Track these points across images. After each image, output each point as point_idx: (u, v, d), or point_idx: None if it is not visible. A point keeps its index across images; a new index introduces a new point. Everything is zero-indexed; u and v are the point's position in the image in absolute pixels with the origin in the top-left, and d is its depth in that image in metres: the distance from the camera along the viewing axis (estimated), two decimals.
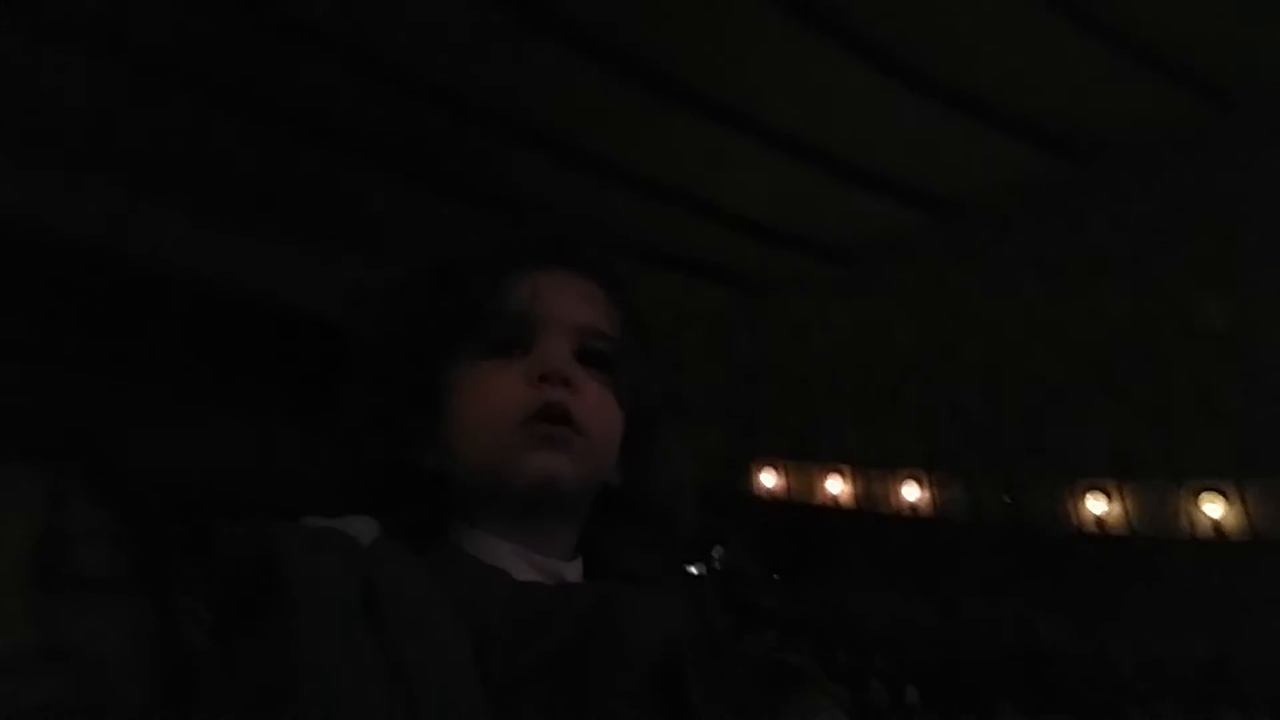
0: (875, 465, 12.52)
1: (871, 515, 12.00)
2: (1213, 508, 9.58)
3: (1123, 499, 10.31)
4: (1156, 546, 9.94)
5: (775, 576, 11.14)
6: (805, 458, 12.68)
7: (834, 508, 12.21)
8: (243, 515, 0.67)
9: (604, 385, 0.74)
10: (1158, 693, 8.12)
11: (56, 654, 0.57)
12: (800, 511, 12.40)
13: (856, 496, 12.42)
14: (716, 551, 11.55)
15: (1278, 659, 8.45)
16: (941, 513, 11.59)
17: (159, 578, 0.66)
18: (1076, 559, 10.24)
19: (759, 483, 13.05)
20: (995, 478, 11.34)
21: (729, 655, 0.74)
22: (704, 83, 10.83)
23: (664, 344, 0.84)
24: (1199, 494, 9.70)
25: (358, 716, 0.54)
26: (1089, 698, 8.33)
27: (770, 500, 12.86)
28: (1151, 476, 10.31)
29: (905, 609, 11.17)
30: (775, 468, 13.25)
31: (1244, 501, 9.50)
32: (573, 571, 0.73)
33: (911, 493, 11.82)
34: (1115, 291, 11.32)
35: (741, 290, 15.15)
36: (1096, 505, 10.36)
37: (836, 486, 12.50)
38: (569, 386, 0.71)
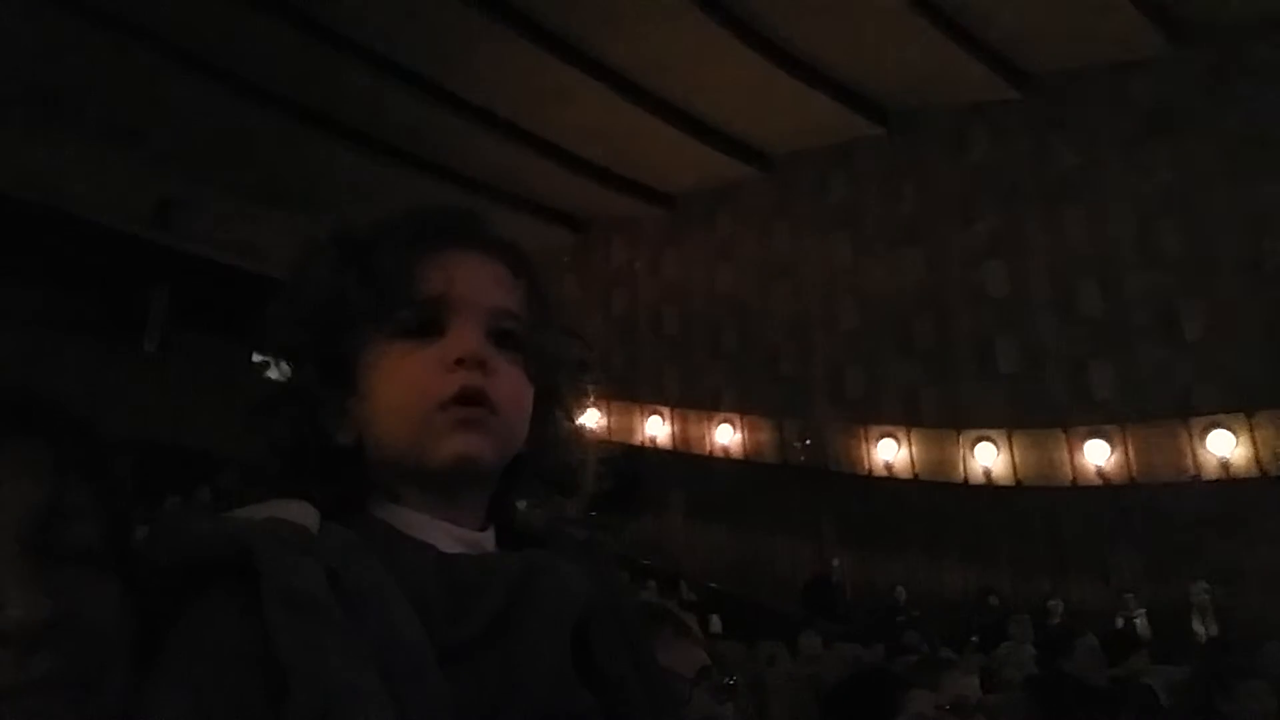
0: (693, 407, 13.03)
1: (688, 455, 12.52)
2: (985, 455, 10.71)
3: (910, 445, 11.33)
4: (935, 489, 11.00)
5: (592, 514, 11.41)
6: (628, 398, 13.01)
7: (653, 447, 12.63)
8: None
9: (514, 364, 0.76)
10: (930, 618, 9.09)
11: (57, 626, 0.57)
12: (621, 450, 12.76)
13: (674, 437, 12.90)
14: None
15: (1030, 588, 9.69)
16: (751, 454, 12.26)
17: (129, 555, 0.65)
18: (869, 499, 11.19)
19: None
20: (800, 422, 12.10)
21: (625, 612, 0.79)
22: (548, 19, 10.69)
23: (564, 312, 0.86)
24: (975, 442, 10.81)
25: (353, 709, 0.56)
26: (872, 623, 9.22)
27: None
28: (934, 425, 11.36)
29: (715, 544, 11.86)
30: (599, 407, 13.55)
31: (1011, 449, 10.69)
32: (488, 540, 0.75)
33: (725, 434, 12.39)
34: (914, 254, 12.23)
35: (572, 230, 15.21)
36: (887, 450, 11.31)
37: (656, 427, 12.92)
38: (484, 369, 0.72)
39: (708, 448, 12.67)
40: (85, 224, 11.75)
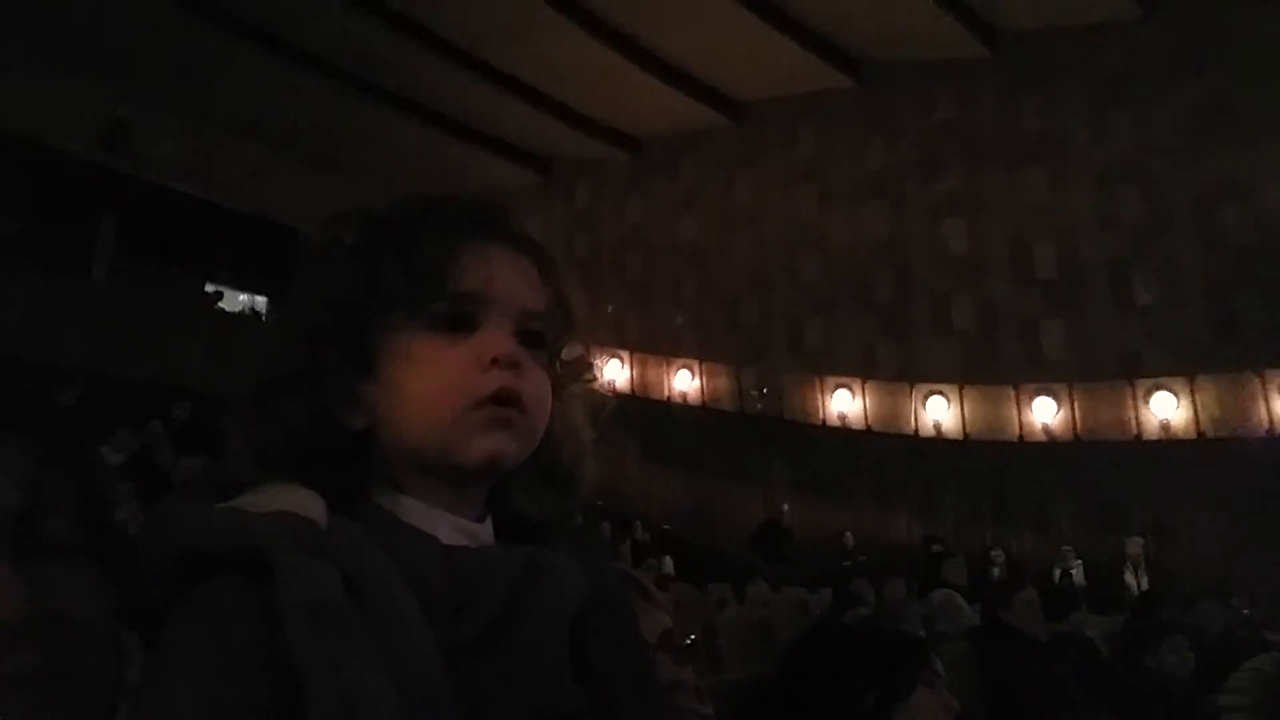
0: (653, 353, 13.09)
1: (646, 400, 12.60)
2: (937, 409, 10.96)
3: (864, 396, 11.54)
4: (883, 439, 11.25)
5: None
6: (587, 342, 12.99)
7: (611, 391, 12.66)
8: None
9: (539, 365, 0.76)
10: (876, 565, 9.37)
11: (39, 623, 0.56)
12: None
13: (633, 381, 12.98)
14: None
15: (973, 538, 10.01)
16: (709, 401, 12.39)
17: (117, 549, 0.64)
18: (821, 448, 11.42)
19: None
20: (758, 371, 12.24)
21: (620, 606, 0.81)
22: None
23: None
24: (927, 396, 11.05)
25: (372, 713, 0.56)
26: (820, 569, 9.47)
27: None
28: (889, 378, 11.57)
29: (670, 487, 12.04)
30: None
31: (961, 403, 10.94)
32: (487, 531, 0.75)
33: (684, 381, 12.49)
34: (877, 210, 12.31)
35: (536, 171, 15.03)
36: (842, 401, 11.51)
37: (615, 371, 12.97)
38: (516, 370, 0.73)
39: (666, 393, 12.77)
40: (30, 146, 11.34)
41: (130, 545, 0.63)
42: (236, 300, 14.88)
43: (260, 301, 15.25)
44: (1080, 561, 8.86)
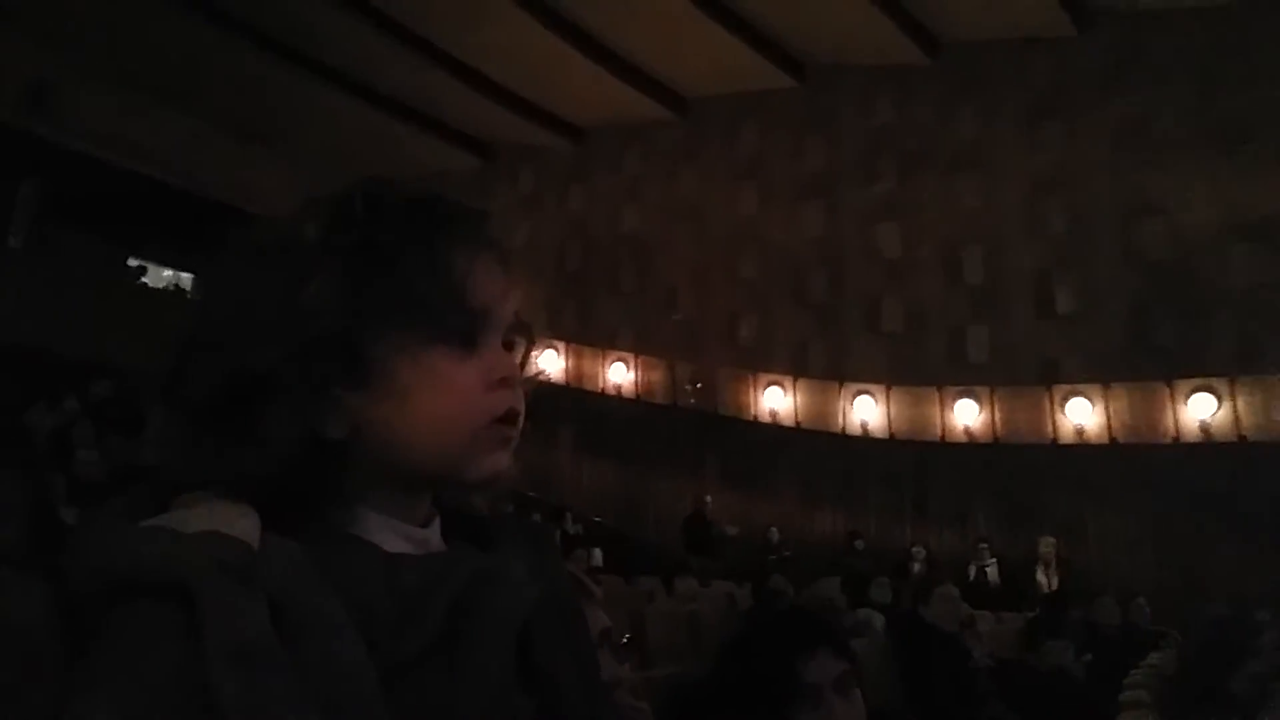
0: (588, 344, 13.10)
1: (580, 391, 12.61)
2: (864, 407, 11.21)
3: (795, 394, 11.74)
4: (812, 435, 11.46)
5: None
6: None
7: (545, 382, 12.64)
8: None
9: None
10: (800, 559, 9.57)
11: None
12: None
13: (568, 372, 12.97)
14: None
15: (895, 534, 10.30)
16: (644, 393, 12.46)
17: (57, 553, 0.61)
18: (752, 444, 11.58)
19: None
20: (693, 365, 12.35)
21: (569, 609, 0.81)
22: None
23: None
24: (856, 395, 11.29)
25: None
26: (744, 562, 9.64)
27: None
28: (820, 377, 11.79)
29: (602, 479, 12.09)
30: None
31: (888, 403, 11.21)
32: (434, 534, 0.74)
33: (619, 373, 12.54)
34: (815, 209, 12.52)
35: (478, 156, 14.90)
36: (774, 398, 11.69)
37: (550, 361, 12.94)
38: (515, 388, 0.72)
39: (600, 385, 12.81)
40: None
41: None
42: (161, 276, 14.46)
43: (186, 279, 14.84)
44: (995, 559, 9.18)
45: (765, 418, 11.74)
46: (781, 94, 12.78)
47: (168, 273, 14.64)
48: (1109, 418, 9.96)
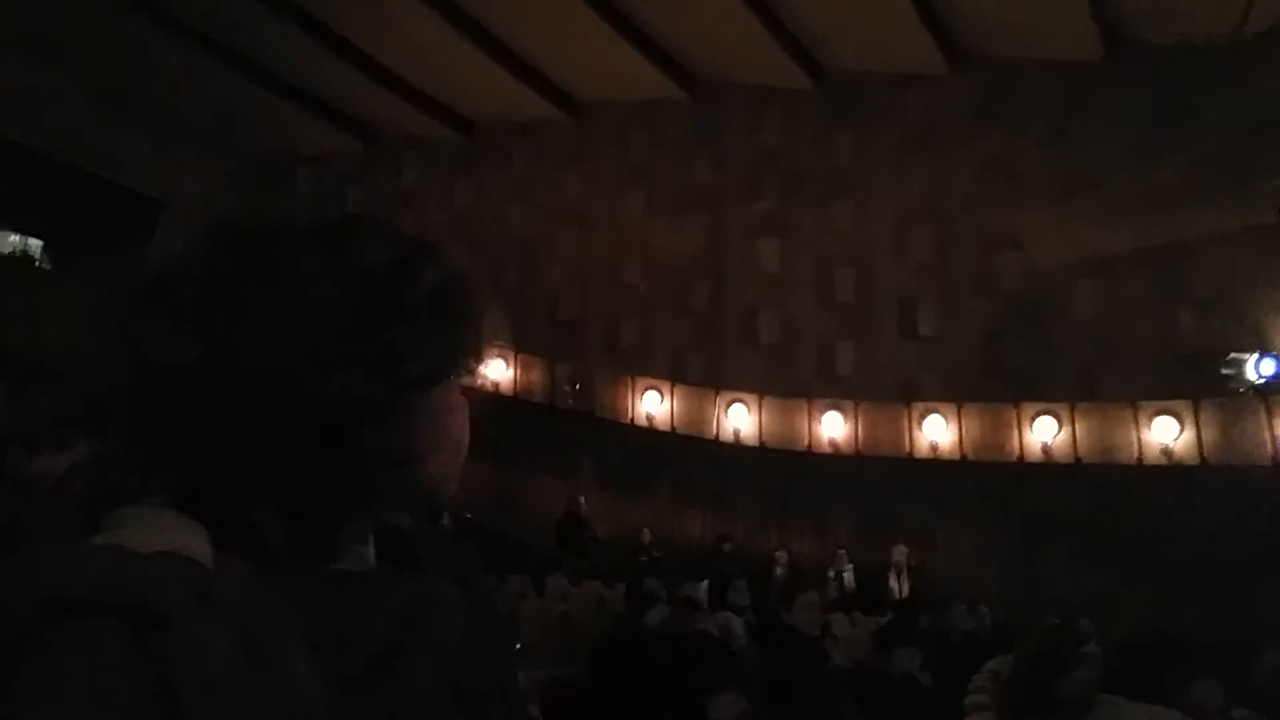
0: None
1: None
2: (738, 416, 11.55)
3: (672, 400, 11.97)
4: (687, 441, 11.71)
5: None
6: None
7: None
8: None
9: None
10: (670, 560, 9.78)
11: None
12: None
13: None
14: None
15: (760, 538, 10.65)
16: (521, 392, 12.44)
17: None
18: (627, 447, 11.74)
19: None
20: (572, 367, 12.42)
21: (496, 629, 0.88)
22: None
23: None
24: (730, 404, 11.62)
25: None
26: (616, 562, 9.77)
27: None
28: (697, 383, 12.07)
29: (476, 477, 11.98)
30: None
31: (760, 413, 11.58)
32: (369, 552, 0.76)
33: (497, 370, 12.47)
34: (699, 221, 12.81)
35: (360, 139, 14.51)
36: (651, 403, 11.89)
37: None
38: None
39: (477, 380, 12.68)
40: None
41: None
42: (7, 241, 13.48)
43: (35, 244, 13.88)
44: (852, 565, 9.65)
45: (642, 422, 11.92)
46: (672, 105, 13.02)
47: (14, 237, 13.66)
48: (961, 434, 10.61)
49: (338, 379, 0.67)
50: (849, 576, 9.57)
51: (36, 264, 13.49)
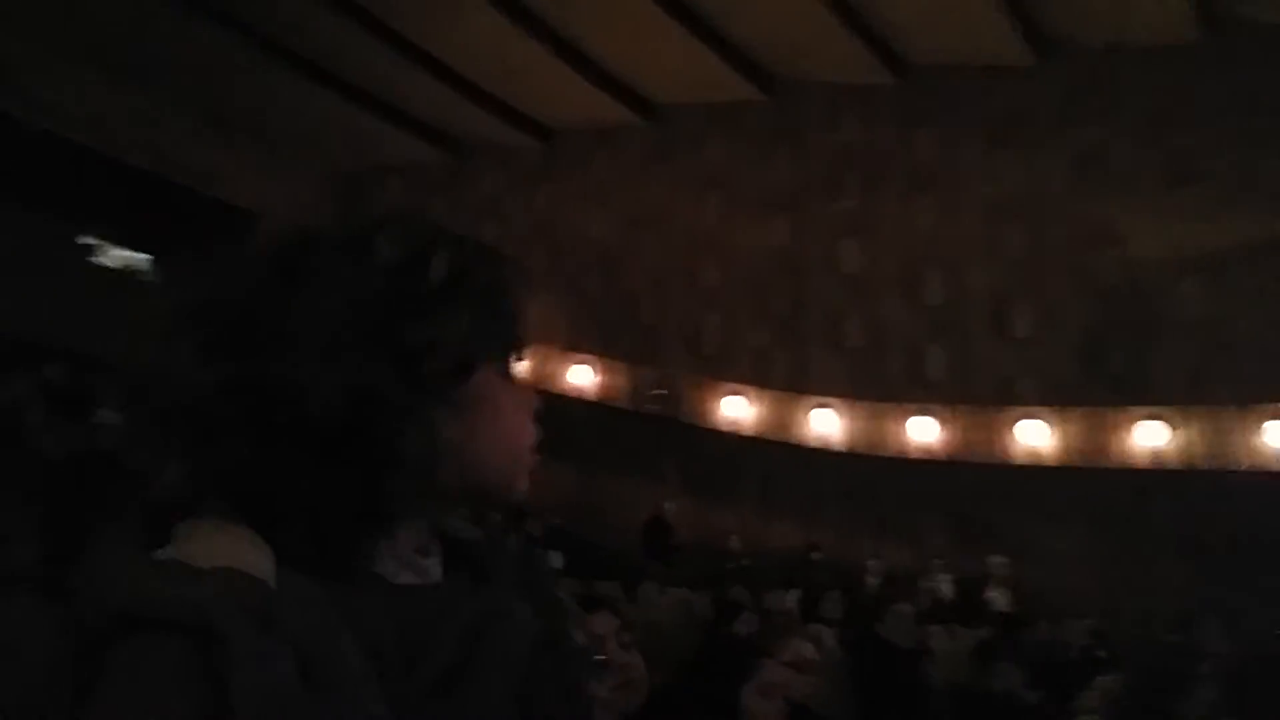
0: (552, 346, 13.07)
1: (542, 393, 12.51)
2: (824, 421, 11.35)
3: (756, 404, 11.84)
4: (771, 446, 11.55)
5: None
6: None
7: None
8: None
9: None
10: (759, 570, 9.65)
11: None
12: None
13: (530, 374, 12.91)
14: None
15: (851, 547, 10.43)
16: (606, 397, 12.47)
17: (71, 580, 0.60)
18: (712, 452, 11.66)
19: None
20: (655, 372, 12.40)
21: (566, 644, 0.85)
22: None
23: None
24: (815, 408, 11.43)
25: None
26: (702, 569, 9.69)
27: None
28: (781, 388, 11.91)
29: (562, 482, 12.05)
30: None
31: (847, 417, 11.36)
32: (435, 565, 0.75)
33: (582, 376, 12.54)
34: (779, 222, 12.63)
35: (445, 151, 14.76)
36: (735, 407, 11.79)
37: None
38: None
39: (562, 387, 12.78)
40: None
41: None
42: (116, 257, 14.09)
43: (141, 259, 14.48)
44: (949, 577, 9.35)
45: (725, 427, 11.82)
46: (748, 106, 12.88)
47: (122, 253, 14.29)
48: (1061, 439, 10.20)
49: (355, 381, 0.66)
50: (946, 589, 9.28)
51: (140, 279, 14.08)
